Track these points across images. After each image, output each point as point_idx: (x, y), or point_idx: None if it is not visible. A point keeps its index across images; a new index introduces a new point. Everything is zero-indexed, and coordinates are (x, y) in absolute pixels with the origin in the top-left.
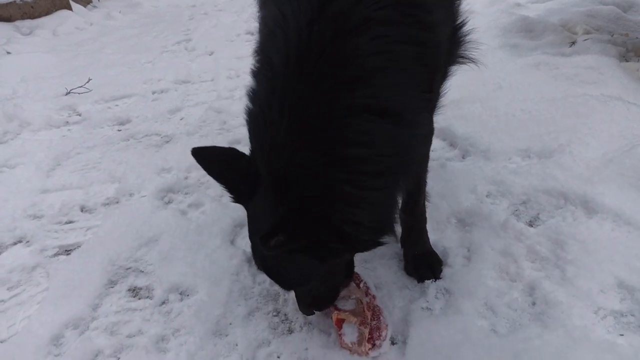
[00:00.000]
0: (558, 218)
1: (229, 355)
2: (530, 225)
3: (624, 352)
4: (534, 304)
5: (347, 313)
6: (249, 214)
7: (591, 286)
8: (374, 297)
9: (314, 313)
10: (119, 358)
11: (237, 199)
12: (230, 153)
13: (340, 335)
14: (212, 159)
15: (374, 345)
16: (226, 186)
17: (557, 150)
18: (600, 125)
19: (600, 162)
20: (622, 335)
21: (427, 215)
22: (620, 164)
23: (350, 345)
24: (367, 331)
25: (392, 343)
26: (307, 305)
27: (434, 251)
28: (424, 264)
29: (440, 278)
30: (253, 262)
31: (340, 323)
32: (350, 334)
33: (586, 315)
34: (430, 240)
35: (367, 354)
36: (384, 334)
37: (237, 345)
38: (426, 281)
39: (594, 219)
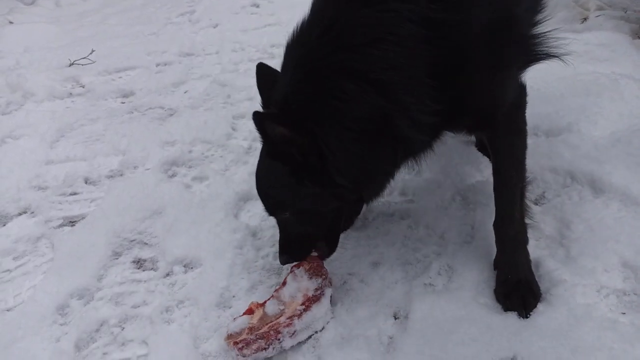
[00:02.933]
0: (564, 197)
1: None
2: (536, 204)
3: (625, 331)
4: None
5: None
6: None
7: (595, 265)
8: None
9: (288, 262)
10: (123, 328)
11: None
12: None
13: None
14: (267, 77)
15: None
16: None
17: (565, 128)
18: (610, 104)
19: (609, 141)
20: (624, 313)
21: (434, 194)
22: (629, 144)
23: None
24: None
25: (395, 318)
26: (286, 247)
27: (533, 279)
28: (516, 292)
29: (529, 316)
30: (257, 236)
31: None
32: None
33: (589, 293)
34: (433, 218)
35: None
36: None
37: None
38: (427, 257)
39: (600, 198)
